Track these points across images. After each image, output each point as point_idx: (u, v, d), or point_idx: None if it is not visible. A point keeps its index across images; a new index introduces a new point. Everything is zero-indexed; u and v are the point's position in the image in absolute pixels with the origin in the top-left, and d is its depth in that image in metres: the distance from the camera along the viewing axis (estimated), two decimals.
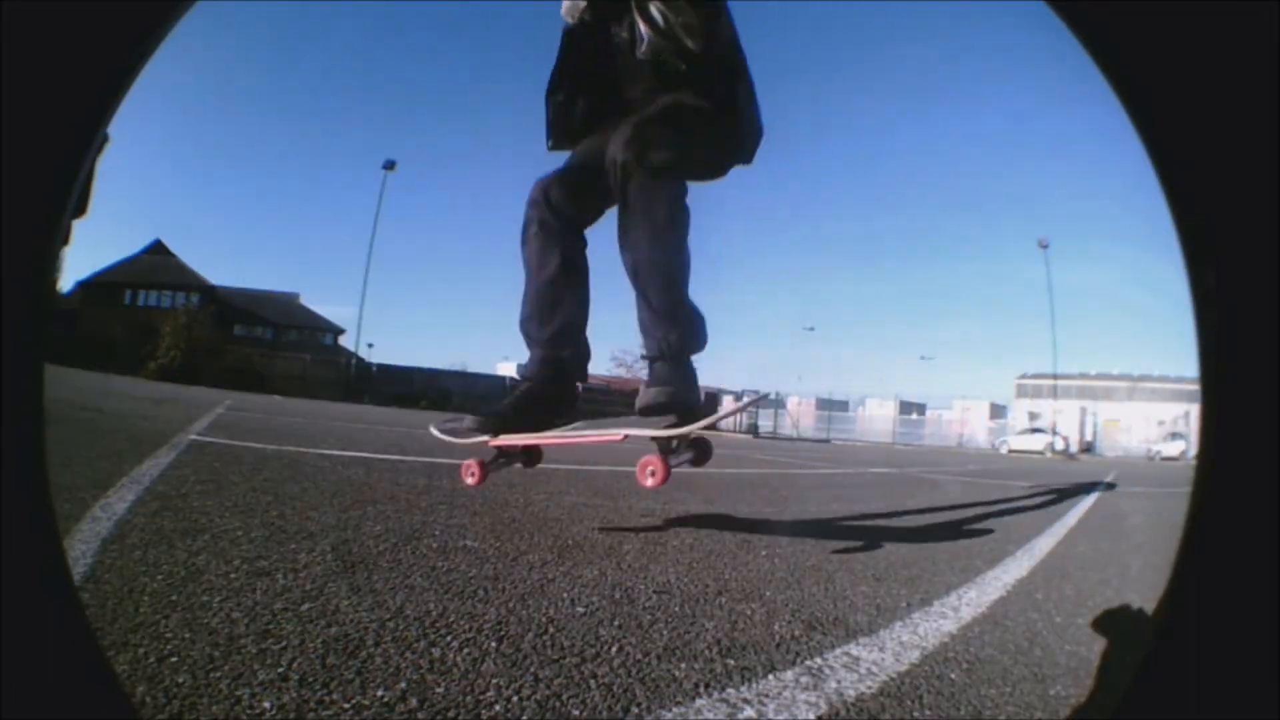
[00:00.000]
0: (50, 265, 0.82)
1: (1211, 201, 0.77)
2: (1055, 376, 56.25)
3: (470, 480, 4.22)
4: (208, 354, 35.68)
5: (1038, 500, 9.42)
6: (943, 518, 6.80)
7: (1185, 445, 39.31)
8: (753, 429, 42.87)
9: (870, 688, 2.06)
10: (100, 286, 42.42)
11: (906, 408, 48.52)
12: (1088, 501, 9.74)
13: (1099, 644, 2.47)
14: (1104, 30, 0.82)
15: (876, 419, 45.72)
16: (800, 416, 44.05)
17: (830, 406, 44.47)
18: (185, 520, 3.44)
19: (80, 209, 5.10)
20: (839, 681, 2.10)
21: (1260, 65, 0.72)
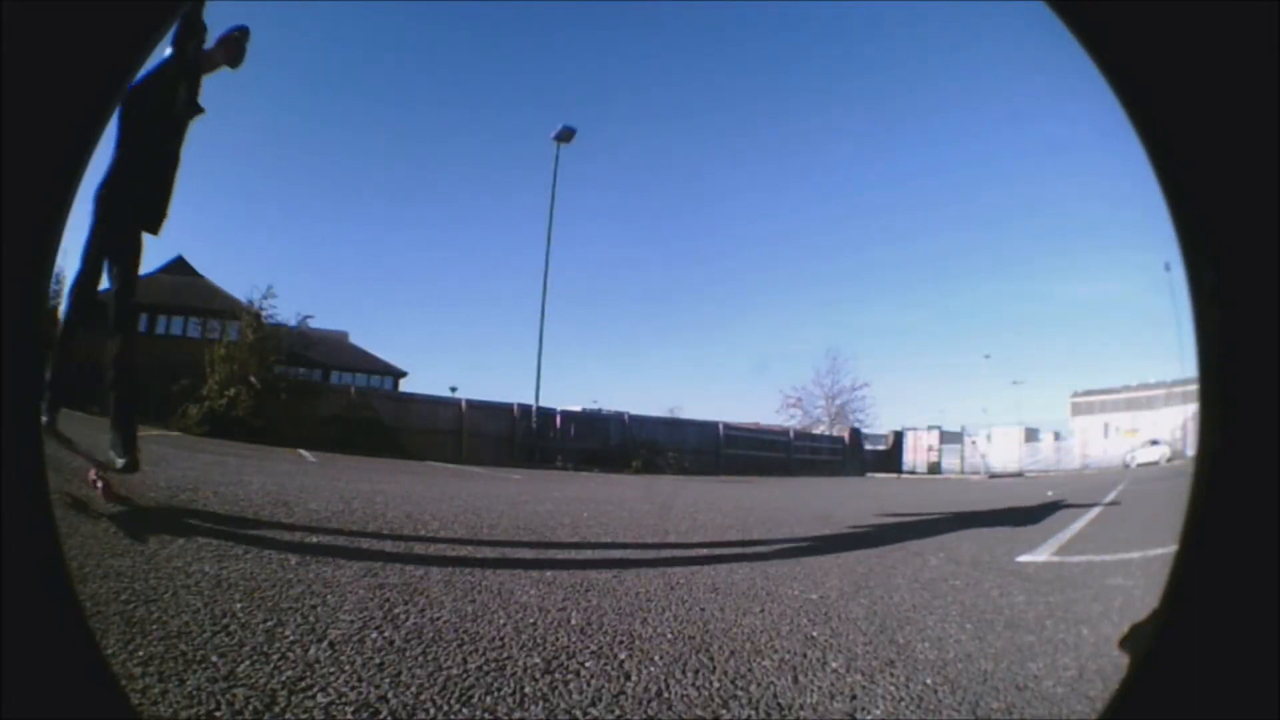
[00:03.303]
0: (50, 265, 0.82)
1: (1211, 201, 0.77)
2: (1107, 392, 56.42)
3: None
4: (291, 395, 22.83)
5: None
6: None
7: (1165, 450, 38.79)
8: (935, 468, 42.04)
9: None
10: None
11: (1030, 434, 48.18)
12: None
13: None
14: (1104, 31, 0.82)
15: (999, 448, 45.25)
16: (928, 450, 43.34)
17: (945, 439, 44.12)
18: None
19: (153, 225, 4.81)
20: None
21: (1260, 65, 0.72)
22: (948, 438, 43.40)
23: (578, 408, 29.39)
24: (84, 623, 0.92)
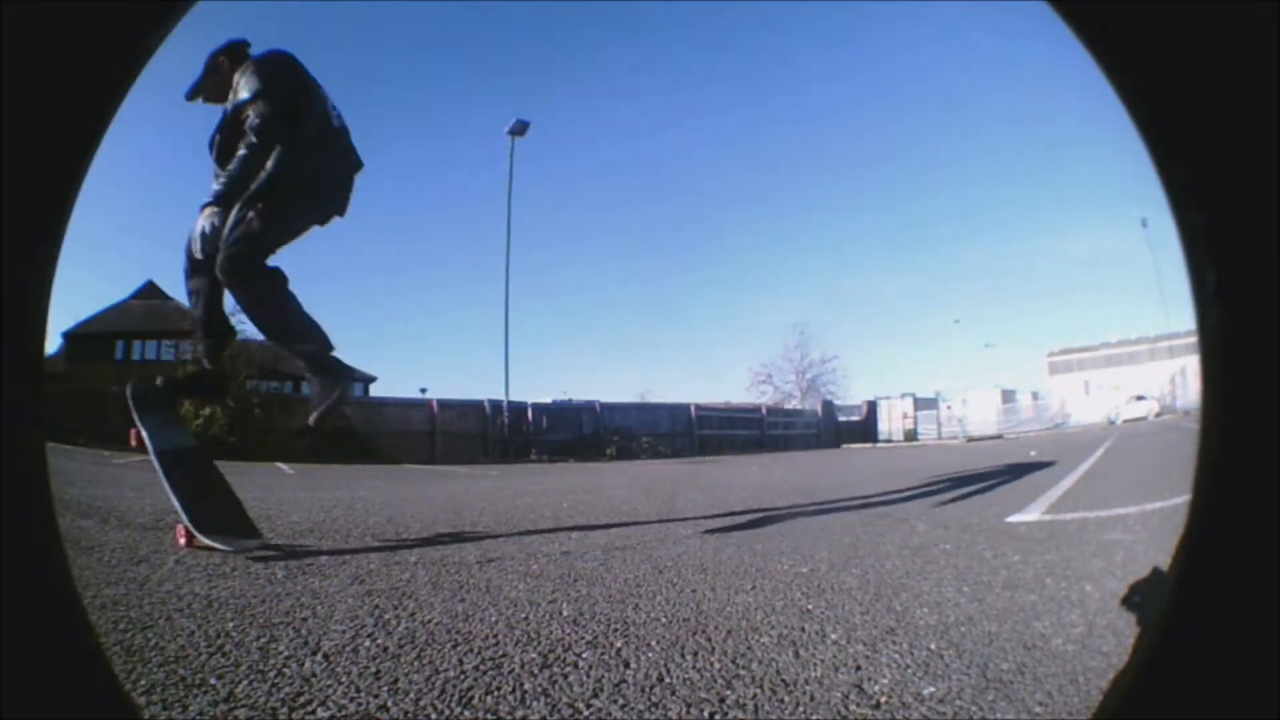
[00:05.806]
0: (50, 265, 0.80)
1: (1213, 202, 0.77)
2: (1085, 349, 56.70)
3: None
4: (265, 410, 23.44)
5: None
6: None
7: (1153, 405, 39.04)
8: (911, 435, 41.80)
9: None
10: (88, 339, 33.97)
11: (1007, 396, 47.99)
12: None
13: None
14: (1105, 30, 0.81)
15: (976, 411, 45.16)
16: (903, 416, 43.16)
17: (920, 405, 44.11)
18: None
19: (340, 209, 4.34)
20: None
21: (1261, 65, 0.71)
22: (922, 404, 43.62)
23: (548, 400, 29.48)
24: (84, 623, 0.90)
